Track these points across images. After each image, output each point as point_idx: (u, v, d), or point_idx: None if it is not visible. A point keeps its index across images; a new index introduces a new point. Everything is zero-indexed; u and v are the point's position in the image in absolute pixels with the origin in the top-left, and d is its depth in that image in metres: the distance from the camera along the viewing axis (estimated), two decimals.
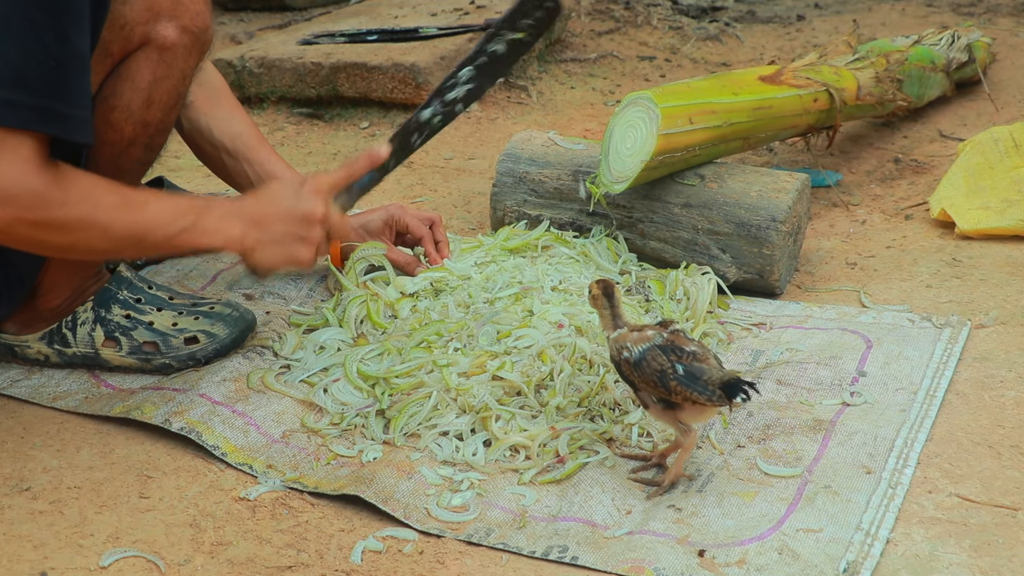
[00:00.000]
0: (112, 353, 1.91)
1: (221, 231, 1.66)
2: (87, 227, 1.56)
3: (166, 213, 1.63)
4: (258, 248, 1.69)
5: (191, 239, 1.65)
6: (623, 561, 1.46)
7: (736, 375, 1.53)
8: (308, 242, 1.72)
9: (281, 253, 1.71)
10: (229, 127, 2.12)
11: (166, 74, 1.76)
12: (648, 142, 2.08)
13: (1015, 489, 1.56)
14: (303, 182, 1.75)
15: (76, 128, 1.54)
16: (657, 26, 4.06)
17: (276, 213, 1.71)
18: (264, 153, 2.13)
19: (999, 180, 2.48)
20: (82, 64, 1.53)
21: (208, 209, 1.67)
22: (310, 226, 1.71)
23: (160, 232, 1.62)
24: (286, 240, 1.70)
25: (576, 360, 1.82)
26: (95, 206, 1.56)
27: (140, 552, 1.50)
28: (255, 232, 1.69)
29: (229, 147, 2.11)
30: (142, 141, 1.79)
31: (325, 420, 1.78)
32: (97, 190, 1.58)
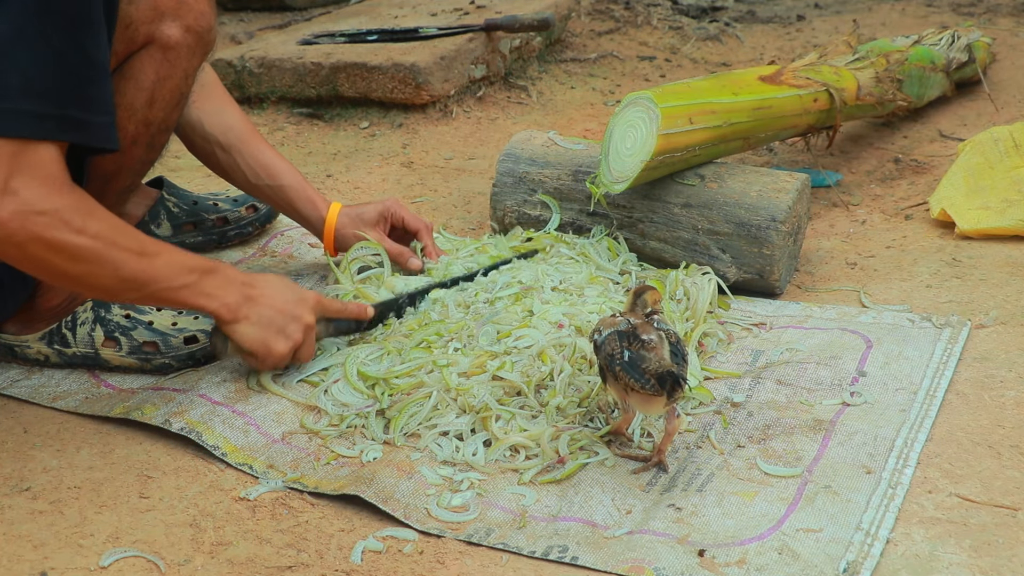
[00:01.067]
0: (112, 353, 1.91)
1: (218, 296, 1.71)
2: (99, 262, 1.57)
3: (173, 268, 1.66)
4: (244, 323, 1.75)
5: (189, 297, 1.69)
6: (623, 561, 1.46)
7: (670, 367, 1.55)
8: (288, 338, 1.78)
9: (261, 337, 1.76)
10: (220, 120, 2.13)
11: (169, 73, 1.77)
12: (648, 142, 2.08)
13: (1015, 489, 1.56)
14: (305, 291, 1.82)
15: (100, 135, 1.55)
16: (657, 26, 4.06)
17: (273, 300, 1.77)
18: (256, 145, 2.15)
19: (999, 180, 2.48)
20: (100, 70, 1.54)
21: (212, 273, 1.71)
22: (297, 326, 1.79)
23: (163, 284, 1.65)
24: (270, 327, 1.77)
25: (576, 360, 1.82)
26: (112, 244, 1.57)
27: (140, 552, 1.50)
28: (247, 307, 1.74)
29: (222, 141, 2.12)
30: (144, 140, 1.80)
31: (324, 421, 1.78)
32: (117, 229, 1.59)
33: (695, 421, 1.76)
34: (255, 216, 2.40)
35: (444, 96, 3.21)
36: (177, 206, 2.33)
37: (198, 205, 2.35)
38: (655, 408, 1.59)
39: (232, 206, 2.39)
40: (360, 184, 2.79)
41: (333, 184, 2.79)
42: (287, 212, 2.20)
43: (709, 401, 1.80)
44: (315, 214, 2.17)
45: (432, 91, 3.16)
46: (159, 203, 2.31)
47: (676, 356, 1.61)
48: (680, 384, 1.54)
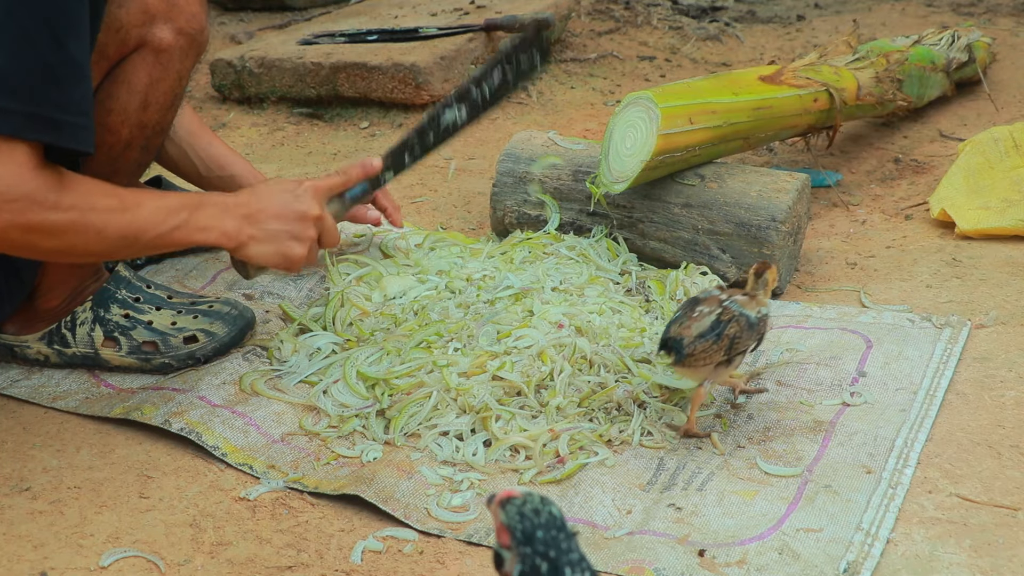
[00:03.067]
0: (111, 353, 1.91)
1: (215, 226, 1.68)
2: (81, 230, 1.56)
3: (160, 212, 1.63)
4: (251, 243, 1.71)
5: (185, 236, 1.66)
6: (623, 561, 1.45)
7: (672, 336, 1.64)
8: (302, 240, 1.73)
9: (275, 250, 1.72)
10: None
11: (162, 76, 1.76)
12: (648, 142, 2.08)
13: (1015, 489, 1.56)
14: (300, 182, 1.76)
15: (73, 136, 1.53)
16: (657, 26, 4.06)
17: (271, 209, 1.72)
18: (206, 138, 2.16)
19: (999, 180, 2.48)
20: (79, 71, 1.53)
21: (202, 205, 1.68)
22: (305, 224, 1.74)
23: (154, 231, 1.63)
24: (280, 237, 1.72)
25: (576, 360, 1.82)
26: (89, 209, 1.56)
27: (140, 552, 1.50)
28: (249, 227, 1.70)
29: (170, 135, 2.12)
30: (139, 143, 1.79)
31: (324, 423, 1.78)
32: (92, 193, 1.58)
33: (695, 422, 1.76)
34: None
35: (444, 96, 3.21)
36: None
37: None
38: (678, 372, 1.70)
39: None
40: None
41: None
42: None
43: (709, 402, 1.80)
44: None
45: (432, 91, 3.16)
46: None
47: (711, 332, 1.64)
48: (672, 349, 1.62)
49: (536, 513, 0.95)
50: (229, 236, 1.69)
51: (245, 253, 1.72)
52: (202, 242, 1.69)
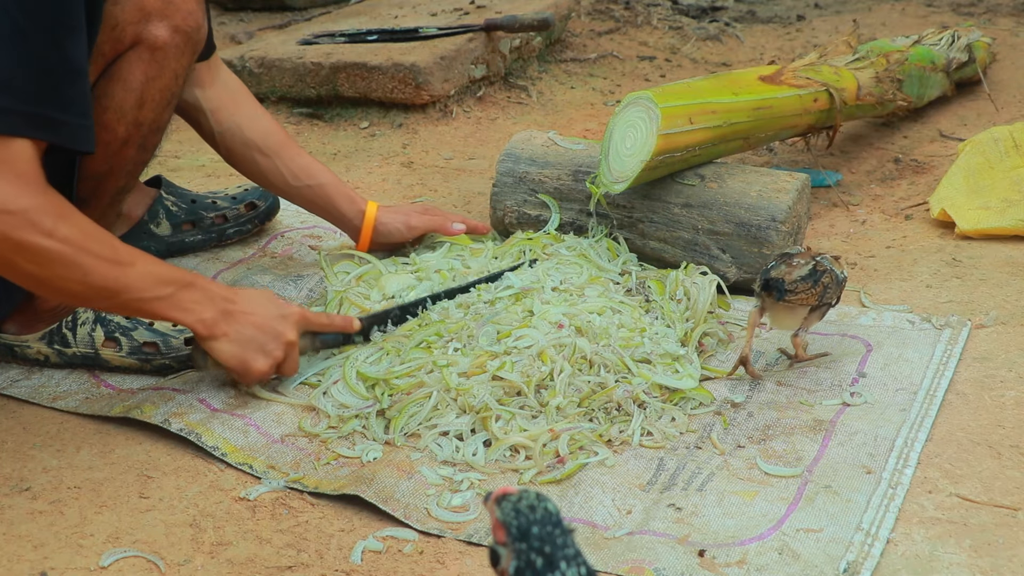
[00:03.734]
0: (112, 353, 1.91)
1: (195, 311, 1.70)
2: (67, 266, 1.55)
3: (148, 279, 1.65)
4: (222, 339, 1.73)
5: (164, 309, 1.68)
6: (623, 562, 1.45)
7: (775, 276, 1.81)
8: (267, 356, 1.76)
9: (240, 355, 1.75)
10: (259, 125, 2.16)
11: (158, 74, 1.76)
12: (648, 142, 2.08)
13: (1015, 489, 1.56)
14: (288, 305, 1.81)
15: (72, 136, 1.53)
16: (657, 26, 4.06)
17: (253, 318, 1.75)
18: (294, 148, 2.19)
19: (999, 180, 2.48)
20: (77, 70, 1.53)
21: (191, 286, 1.70)
22: (277, 344, 1.77)
23: (136, 294, 1.63)
24: (250, 345, 1.75)
25: (576, 360, 1.82)
26: (82, 249, 1.56)
27: (140, 552, 1.50)
28: (225, 324, 1.73)
29: (262, 145, 2.15)
30: (135, 141, 1.79)
31: (323, 423, 1.78)
32: (89, 235, 1.58)
33: (695, 422, 1.76)
34: (254, 214, 2.40)
35: (444, 96, 3.21)
36: (176, 205, 2.33)
37: (197, 204, 2.35)
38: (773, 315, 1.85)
39: (231, 204, 2.38)
40: (360, 184, 2.78)
41: None
42: (326, 210, 2.24)
43: (709, 402, 1.80)
44: (353, 209, 2.22)
45: (432, 91, 3.16)
46: (158, 202, 2.31)
47: (810, 277, 1.81)
48: (773, 287, 1.78)
49: (531, 509, 0.95)
50: (205, 324, 1.71)
51: (211, 345, 1.73)
52: (177, 321, 1.71)
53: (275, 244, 2.41)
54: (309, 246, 2.39)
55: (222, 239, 2.37)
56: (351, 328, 1.91)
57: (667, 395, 1.80)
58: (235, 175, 2.83)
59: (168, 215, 2.31)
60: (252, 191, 2.42)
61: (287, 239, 2.43)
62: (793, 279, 1.80)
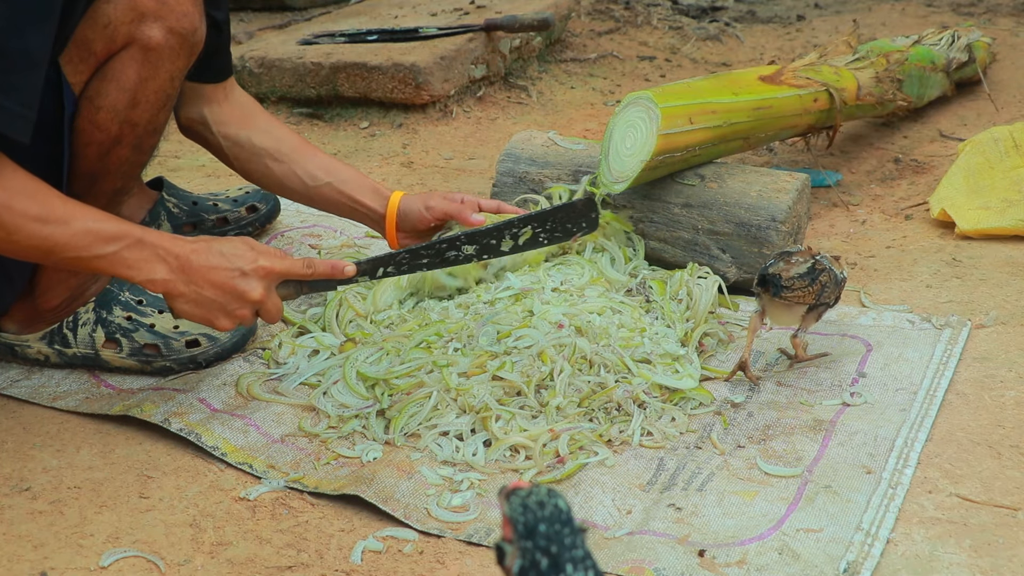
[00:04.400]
0: (112, 354, 1.91)
1: (143, 269, 1.63)
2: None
3: (87, 237, 1.59)
4: (180, 300, 1.66)
5: (108, 267, 1.62)
6: (623, 562, 1.45)
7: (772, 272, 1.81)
8: (231, 317, 1.69)
9: (201, 315, 1.67)
10: (270, 134, 2.11)
11: (152, 75, 1.75)
12: (648, 142, 2.08)
13: (1015, 489, 1.56)
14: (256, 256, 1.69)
15: (9, 122, 1.51)
16: (657, 26, 4.06)
17: (211, 277, 1.66)
18: (311, 151, 2.11)
19: (999, 180, 2.48)
20: (33, 61, 1.51)
21: (139, 243, 1.63)
22: (240, 303, 1.68)
23: (72, 253, 1.59)
24: (211, 307, 1.67)
25: (576, 360, 1.82)
26: (3, 207, 1.53)
27: (140, 552, 1.50)
28: (181, 284, 1.65)
29: (273, 152, 2.09)
30: (129, 141, 1.79)
31: (323, 424, 1.78)
32: (16, 193, 1.54)
33: (695, 422, 1.76)
34: (255, 216, 2.40)
35: (444, 96, 3.21)
36: (177, 207, 2.33)
37: (198, 205, 2.35)
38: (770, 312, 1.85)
39: (232, 206, 2.39)
40: None
41: None
42: (349, 206, 2.11)
43: (709, 402, 1.80)
44: (379, 199, 2.09)
45: (432, 91, 3.16)
46: (159, 204, 2.31)
47: (808, 275, 1.80)
48: (769, 283, 1.79)
49: (540, 505, 0.90)
50: (155, 284, 1.64)
51: (172, 304, 1.68)
52: (127, 278, 1.64)
53: (275, 244, 2.41)
54: (309, 245, 2.40)
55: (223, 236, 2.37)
56: (340, 274, 1.79)
57: (667, 395, 1.80)
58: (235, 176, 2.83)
59: (169, 217, 2.31)
60: (253, 193, 2.42)
61: (287, 239, 2.43)
62: (790, 276, 1.80)
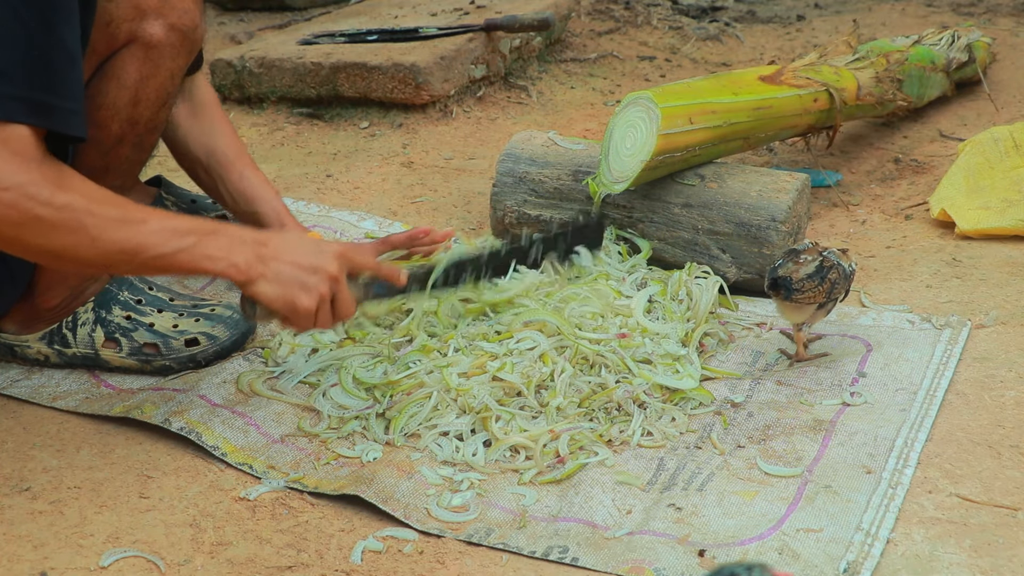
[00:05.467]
0: (112, 354, 1.91)
1: (224, 257, 1.61)
2: (73, 232, 1.50)
3: (165, 233, 1.57)
4: (260, 280, 1.63)
5: (190, 261, 1.59)
6: (623, 562, 1.46)
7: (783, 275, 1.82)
8: (310, 292, 1.65)
9: (282, 293, 1.64)
10: (206, 141, 2.08)
11: (153, 72, 1.75)
12: (648, 142, 2.08)
13: (1015, 489, 1.56)
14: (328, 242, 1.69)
15: (66, 121, 1.51)
16: (657, 26, 4.06)
17: (288, 255, 1.65)
18: (239, 170, 2.07)
19: (999, 180, 2.48)
20: (70, 56, 1.51)
21: (215, 233, 1.62)
22: (318, 278, 1.65)
23: (155, 250, 1.56)
24: (290, 282, 1.64)
25: (577, 361, 1.82)
26: (87, 213, 1.51)
27: (140, 552, 1.50)
28: (260, 266, 1.63)
29: (203, 162, 2.08)
30: (130, 140, 1.78)
31: (323, 424, 1.78)
32: (93, 198, 1.53)
33: (695, 421, 1.76)
34: None
35: (444, 96, 3.21)
36: (175, 205, 2.33)
37: (196, 204, 2.35)
38: (782, 311, 1.87)
39: None
40: (360, 184, 2.78)
41: (333, 184, 2.79)
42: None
43: (709, 402, 1.80)
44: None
45: (432, 91, 3.16)
46: (157, 202, 2.31)
47: (817, 275, 1.82)
48: (780, 287, 1.80)
49: None
50: (239, 269, 1.61)
51: (253, 289, 1.64)
52: (208, 271, 1.61)
53: None
54: None
55: None
56: (398, 280, 1.80)
57: (668, 395, 1.80)
58: None
59: None
60: None
61: None
62: (800, 277, 1.81)
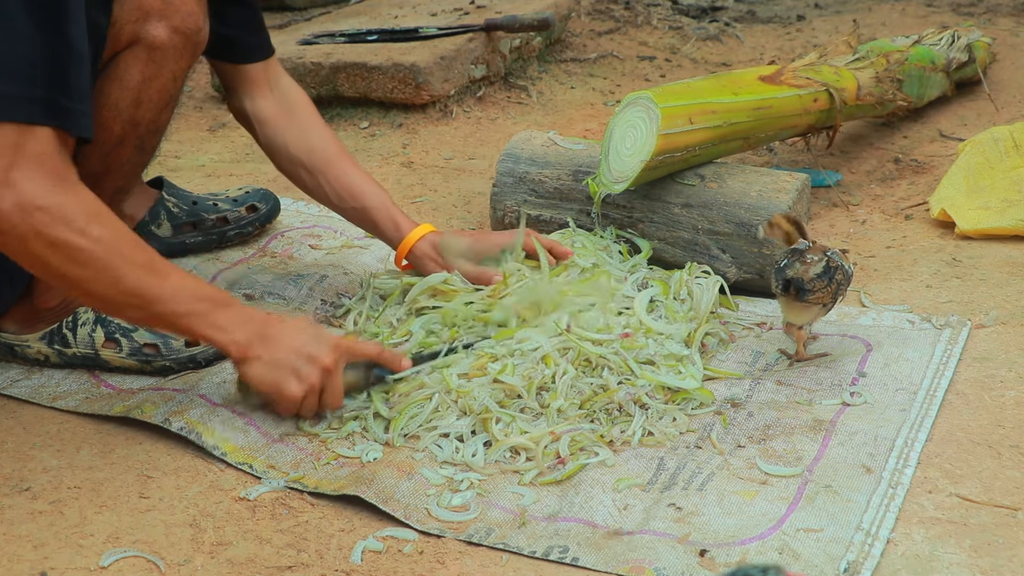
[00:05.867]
0: (112, 354, 1.91)
1: (229, 332, 1.65)
2: (100, 268, 1.52)
3: (185, 293, 1.60)
4: (255, 362, 1.67)
5: (197, 326, 1.63)
6: (623, 562, 1.45)
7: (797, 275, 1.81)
8: (301, 380, 1.68)
9: (273, 378, 1.68)
10: (305, 142, 2.08)
11: (156, 74, 1.75)
12: (648, 142, 2.08)
13: (1015, 489, 1.56)
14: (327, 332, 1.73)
15: (78, 123, 1.52)
16: (657, 26, 4.06)
17: (287, 342, 1.68)
18: (341, 167, 2.08)
19: (999, 180, 2.48)
20: (80, 58, 1.52)
21: (226, 306, 1.65)
22: (310, 367, 1.69)
23: (168, 306, 1.59)
24: (282, 368, 1.68)
25: (580, 363, 1.82)
26: (116, 252, 1.53)
27: (140, 552, 1.50)
28: (259, 347, 1.67)
29: (306, 163, 2.07)
30: (132, 141, 1.79)
31: (323, 424, 1.77)
32: (124, 238, 1.55)
33: (695, 421, 1.76)
34: (255, 216, 2.40)
35: (444, 96, 3.21)
36: (177, 206, 2.33)
37: (198, 205, 2.35)
38: (789, 311, 1.86)
39: (232, 206, 2.38)
40: None
41: None
42: (374, 233, 2.13)
43: (710, 402, 1.80)
44: (396, 235, 2.07)
45: (432, 91, 3.16)
46: (159, 203, 2.31)
47: (825, 275, 1.81)
48: (797, 288, 1.79)
49: None
50: (239, 346, 1.66)
51: (246, 368, 1.68)
52: (210, 339, 1.65)
53: (275, 244, 2.41)
54: (309, 245, 2.40)
55: (223, 241, 2.37)
56: (398, 366, 1.80)
57: (669, 396, 1.80)
58: (235, 175, 2.83)
59: (169, 216, 2.31)
60: (253, 193, 2.42)
61: (287, 239, 2.43)
62: (810, 277, 1.81)
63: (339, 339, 1.74)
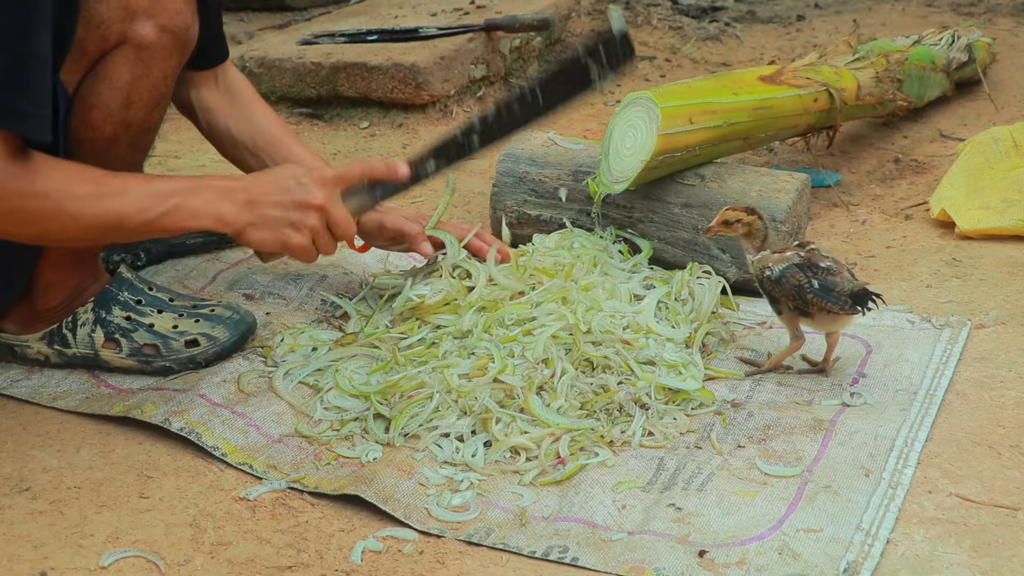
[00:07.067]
0: (112, 355, 1.91)
1: (210, 213, 1.64)
2: (55, 218, 1.55)
3: (147, 198, 1.60)
4: (250, 230, 1.66)
5: (176, 222, 1.62)
6: (623, 562, 1.45)
7: (863, 286, 1.77)
8: (300, 228, 1.68)
9: (273, 237, 1.67)
10: (248, 125, 2.08)
11: (145, 73, 1.75)
12: (648, 142, 2.08)
13: (1015, 489, 1.56)
14: (309, 170, 1.71)
15: (38, 127, 1.53)
16: (657, 26, 4.06)
17: (270, 196, 1.67)
18: (286, 147, 2.08)
19: (999, 180, 2.48)
20: (44, 64, 1.52)
21: (197, 190, 1.64)
22: (303, 213, 1.68)
23: (139, 218, 1.60)
24: (278, 224, 1.67)
25: (580, 363, 1.82)
26: (64, 197, 1.54)
27: (140, 552, 1.50)
28: (247, 213, 1.66)
29: (249, 145, 2.07)
30: (124, 140, 1.78)
31: (323, 425, 1.77)
32: (69, 180, 1.56)
33: (695, 422, 1.76)
34: None
35: (444, 96, 3.21)
36: None
37: None
38: (840, 325, 1.82)
39: None
40: None
41: None
42: None
43: (710, 402, 1.80)
44: None
45: (432, 91, 3.16)
46: None
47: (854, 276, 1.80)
48: (874, 299, 1.75)
49: None
50: (226, 223, 1.65)
51: (246, 239, 1.68)
52: (196, 228, 1.65)
53: None
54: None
55: (223, 241, 2.37)
56: (396, 174, 1.76)
57: (669, 396, 1.80)
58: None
59: None
60: None
61: None
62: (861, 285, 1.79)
63: (320, 173, 1.71)
